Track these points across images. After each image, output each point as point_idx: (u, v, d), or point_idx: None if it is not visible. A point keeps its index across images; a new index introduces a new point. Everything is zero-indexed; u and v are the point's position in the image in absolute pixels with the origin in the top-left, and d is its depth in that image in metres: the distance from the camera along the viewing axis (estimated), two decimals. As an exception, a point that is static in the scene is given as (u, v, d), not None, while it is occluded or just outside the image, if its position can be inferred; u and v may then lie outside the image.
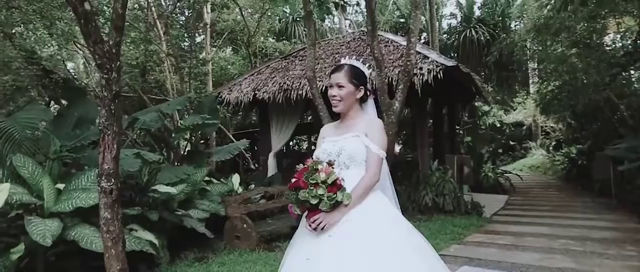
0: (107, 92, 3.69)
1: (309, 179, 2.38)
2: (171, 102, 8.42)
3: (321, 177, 2.36)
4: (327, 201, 2.35)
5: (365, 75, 2.69)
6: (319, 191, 2.35)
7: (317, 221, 2.37)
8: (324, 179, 2.36)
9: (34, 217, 4.26)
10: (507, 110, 24.33)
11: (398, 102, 8.73)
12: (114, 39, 3.74)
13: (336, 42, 12.18)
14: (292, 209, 2.50)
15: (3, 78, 5.88)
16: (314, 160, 2.50)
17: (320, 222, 2.36)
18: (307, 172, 2.41)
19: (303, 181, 2.39)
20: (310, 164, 2.45)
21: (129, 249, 4.86)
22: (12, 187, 4.30)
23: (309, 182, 2.37)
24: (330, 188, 2.36)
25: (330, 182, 2.36)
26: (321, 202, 2.35)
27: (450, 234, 6.97)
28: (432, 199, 8.86)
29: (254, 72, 11.76)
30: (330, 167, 2.42)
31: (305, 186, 2.38)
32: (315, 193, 2.35)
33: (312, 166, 2.43)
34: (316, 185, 2.36)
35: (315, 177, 2.37)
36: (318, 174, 2.38)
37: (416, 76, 9.01)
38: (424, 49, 10.43)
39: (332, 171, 2.40)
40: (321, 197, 2.35)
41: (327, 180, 2.36)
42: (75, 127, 6.51)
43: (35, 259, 4.67)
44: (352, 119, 2.66)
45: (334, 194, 2.36)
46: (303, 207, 2.43)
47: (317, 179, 2.36)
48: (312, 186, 2.37)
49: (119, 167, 5.31)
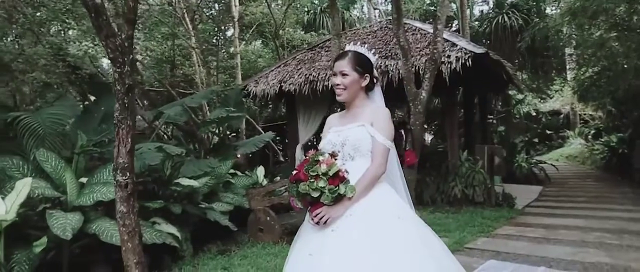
0: (120, 86, 3.68)
1: (310, 171, 2.28)
2: (195, 96, 8.47)
3: (322, 169, 2.27)
4: (329, 194, 2.25)
5: (370, 62, 2.57)
6: (319, 183, 2.25)
7: (320, 214, 2.28)
8: (324, 171, 2.26)
9: (56, 211, 4.33)
10: (543, 98, 23.57)
11: (425, 91, 8.53)
12: (126, 32, 3.73)
13: (363, 32, 11.99)
14: (293, 202, 2.41)
15: (30, 75, 6.04)
16: (315, 151, 2.40)
17: (322, 216, 2.27)
18: (307, 164, 2.32)
19: (303, 173, 2.30)
20: (311, 155, 2.35)
21: (151, 242, 4.93)
22: (34, 181, 4.38)
23: (309, 174, 2.28)
24: (331, 180, 2.26)
25: (331, 174, 2.26)
26: (323, 195, 2.26)
27: (478, 226, 6.76)
28: (462, 191, 8.63)
29: (280, 64, 11.72)
30: (332, 159, 2.32)
31: (305, 178, 2.29)
32: (316, 186, 2.26)
33: (312, 157, 2.34)
34: (317, 177, 2.27)
35: (315, 169, 2.28)
36: (319, 165, 2.28)
37: (444, 64, 8.77)
38: (452, 36, 10.15)
39: (334, 163, 2.29)
40: (322, 190, 2.25)
41: (328, 172, 2.26)
42: (102, 122, 6.61)
43: (61, 252, 4.77)
44: (357, 108, 2.55)
45: (336, 186, 2.26)
46: (305, 201, 2.34)
47: (317, 171, 2.27)
48: (312, 178, 2.27)
49: (141, 160, 5.41)
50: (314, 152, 2.39)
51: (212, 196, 6.86)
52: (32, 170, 4.71)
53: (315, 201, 2.29)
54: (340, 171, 2.29)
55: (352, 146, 2.41)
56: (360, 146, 2.41)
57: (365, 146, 2.40)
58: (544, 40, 15.59)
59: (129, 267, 3.78)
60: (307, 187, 2.27)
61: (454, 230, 6.49)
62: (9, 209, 4.02)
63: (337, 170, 2.27)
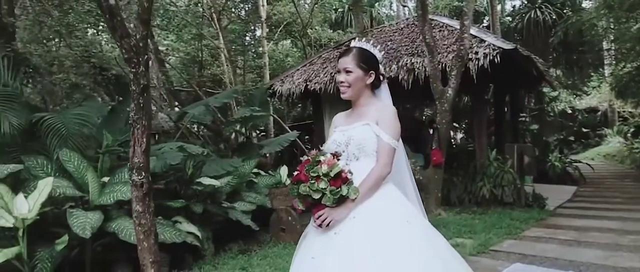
0: (135, 86, 3.71)
1: (310, 172, 2.21)
2: (219, 95, 8.53)
3: (323, 169, 2.18)
4: (330, 196, 2.17)
5: (375, 58, 2.48)
6: (320, 184, 2.17)
7: (322, 217, 2.21)
8: (325, 171, 2.18)
9: (76, 210, 4.40)
10: (578, 95, 22.79)
11: (451, 89, 8.36)
12: (141, 32, 3.75)
13: (389, 29, 11.85)
14: (295, 203, 2.35)
15: (57, 76, 6.19)
16: (318, 151, 2.33)
17: (325, 219, 2.21)
18: (308, 164, 2.25)
19: (304, 173, 2.23)
20: (313, 155, 2.28)
21: (170, 241, 4.95)
22: (57, 180, 4.47)
23: (309, 175, 2.21)
24: (333, 181, 2.18)
25: (333, 175, 2.18)
26: (324, 197, 2.18)
27: (506, 228, 6.55)
28: (490, 191, 8.40)
29: (305, 63, 11.69)
30: (334, 159, 2.24)
31: (306, 179, 2.21)
32: (317, 187, 2.18)
33: (314, 157, 2.26)
34: (317, 178, 2.19)
35: (316, 170, 2.20)
36: (320, 166, 2.20)
37: (471, 61, 8.55)
38: (480, 32, 9.90)
39: (335, 163, 2.21)
40: (323, 191, 2.18)
41: (329, 172, 2.18)
42: (128, 122, 6.70)
43: (84, 250, 4.85)
44: (363, 106, 2.45)
45: (338, 188, 2.18)
46: (306, 202, 2.26)
47: (318, 172, 2.19)
48: (313, 179, 2.20)
49: (162, 160, 5.45)
50: (316, 152, 2.32)
51: (235, 195, 6.87)
52: (56, 170, 4.81)
53: (317, 203, 2.22)
54: (342, 172, 2.20)
55: (357, 146, 2.33)
56: (365, 145, 2.32)
57: (370, 146, 2.32)
58: (578, 34, 15.05)
59: (145, 266, 3.80)
60: (308, 188, 2.19)
61: (479, 231, 6.31)
62: (32, 208, 4.09)
63: (339, 171, 2.19)
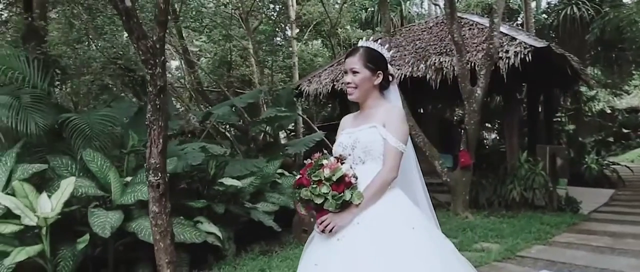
0: (152, 88, 3.73)
1: (312, 175, 2.14)
2: (244, 96, 8.56)
3: (325, 173, 2.11)
4: (333, 201, 2.10)
5: (384, 58, 2.39)
6: (322, 189, 2.11)
7: (325, 222, 2.15)
8: (328, 175, 2.11)
9: (98, 210, 4.47)
10: (618, 94, 21.90)
11: (480, 88, 8.15)
12: (158, 34, 3.77)
13: (418, 28, 11.66)
14: (298, 208, 2.29)
15: (85, 77, 6.34)
16: (321, 154, 2.26)
17: (328, 224, 2.14)
18: (310, 167, 2.18)
19: (306, 177, 2.16)
20: (315, 159, 2.21)
21: (190, 241, 4.98)
22: (79, 180, 4.55)
23: (311, 179, 2.14)
24: (335, 186, 2.10)
25: (335, 180, 2.10)
26: (326, 202, 2.11)
27: (535, 232, 6.32)
28: (520, 193, 8.14)
29: (333, 63, 11.63)
30: (337, 163, 2.16)
31: (308, 183, 2.15)
32: (318, 191, 2.11)
33: (316, 161, 2.19)
34: (319, 182, 2.12)
35: (318, 174, 2.13)
36: (322, 170, 2.13)
37: (501, 60, 8.32)
38: (511, 30, 9.63)
39: (338, 167, 2.13)
40: (326, 196, 2.11)
41: (332, 177, 2.10)
42: (153, 122, 6.79)
43: (107, 249, 4.93)
44: (371, 108, 2.37)
45: (341, 193, 2.10)
46: (309, 207, 2.20)
47: (320, 176, 2.12)
48: (315, 183, 2.13)
49: (184, 160, 5.49)
50: (319, 155, 2.25)
51: (259, 196, 6.87)
52: (80, 169, 4.90)
53: (320, 208, 2.16)
54: (346, 176, 2.13)
55: (363, 149, 2.25)
56: (371, 148, 2.24)
57: (377, 149, 2.24)
58: (616, 31, 14.44)
59: (161, 266, 3.82)
60: (310, 193, 2.13)
61: (507, 236, 6.11)
62: (54, 207, 4.18)
63: (342, 175, 2.12)
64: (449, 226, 6.87)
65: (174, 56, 15.02)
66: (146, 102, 7.43)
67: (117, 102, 7.26)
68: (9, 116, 4.66)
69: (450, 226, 6.92)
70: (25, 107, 4.83)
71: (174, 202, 5.63)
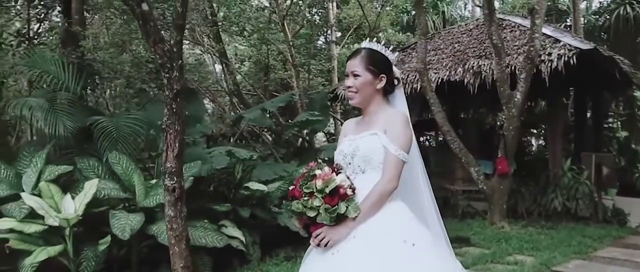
0: (168, 91, 3.73)
1: (304, 187, 2.02)
2: (275, 100, 8.54)
3: (317, 185, 1.99)
4: (325, 215, 1.98)
5: (388, 61, 2.26)
6: (314, 202, 1.98)
7: (319, 236, 2.03)
8: (320, 187, 1.98)
9: (119, 211, 4.52)
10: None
11: (520, 93, 7.80)
12: (175, 38, 3.77)
13: (457, 31, 11.33)
14: (293, 220, 2.18)
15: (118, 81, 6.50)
16: (316, 163, 2.14)
17: (323, 238, 2.02)
18: (303, 178, 2.07)
19: (298, 189, 2.05)
20: (308, 169, 2.10)
21: (211, 245, 4.97)
22: (103, 182, 4.63)
23: (303, 191, 2.03)
24: (328, 199, 1.98)
25: (328, 192, 1.98)
26: (319, 215, 1.99)
27: (575, 246, 5.95)
28: (562, 203, 7.72)
29: (369, 67, 11.46)
30: (331, 173, 2.04)
31: (300, 195, 2.03)
32: (311, 204, 1.99)
33: (309, 171, 2.08)
34: (311, 195, 2.00)
35: (310, 186, 2.01)
36: (314, 181, 2.02)
37: (543, 63, 7.94)
38: (556, 32, 9.17)
39: (331, 178, 2.01)
40: (319, 209, 1.99)
41: (324, 189, 1.98)
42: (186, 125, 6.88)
43: (131, 250, 4.99)
44: (373, 114, 2.23)
45: (335, 205, 1.98)
46: (302, 220, 2.08)
47: (312, 188, 2.00)
48: (306, 195, 2.01)
49: (209, 164, 5.50)
50: (314, 164, 2.13)
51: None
52: (106, 171, 4.99)
53: (314, 221, 2.04)
54: (340, 188, 2.00)
55: (363, 158, 2.12)
56: (372, 157, 2.11)
57: (377, 158, 2.10)
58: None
59: (175, 270, 3.81)
60: (302, 206, 2.01)
61: (543, 248, 5.78)
62: (77, 208, 4.25)
63: (336, 186, 1.99)
64: (482, 236, 6.61)
65: (213, 60, 15.29)
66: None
67: (152, 104, 7.39)
68: (39, 118, 4.80)
69: (485, 235, 6.64)
70: (55, 110, 4.97)
71: (199, 205, 5.71)
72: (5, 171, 4.77)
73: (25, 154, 5.02)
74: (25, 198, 4.14)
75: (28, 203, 4.12)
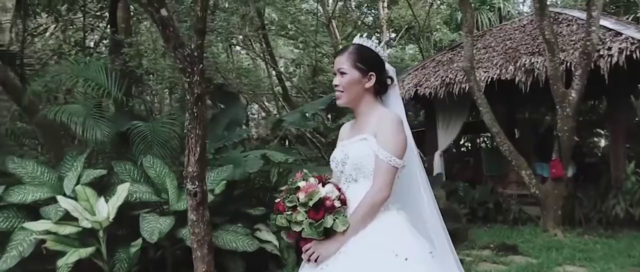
0: (189, 96, 3.73)
1: (286, 201, 1.91)
2: (314, 102, 8.47)
3: (300, 198, 1.87)
4: (310, 230, 1.85)
5: (379, 58, 2.09)
6: (298, 216, 1.86)
7: (309, 251, 1.91)
8: (303, 200, 1.86)
9: (150, 215, 4.60)
10: None
11: (575, 91, 7.30)
12: (196, 42, 3.77)
13: (510, 27, 10.82)
14: (282, 234, 2.07)
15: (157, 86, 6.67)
16: (301, 173, 2.01)
17: (312, 253, 1.90)
18: (286, 191, 1.95)
19: (282, 202, 1.93)
20: (291, 181, 1.97)
21: (242, 249, 4.95)
22: (135, 186, 4.72)
23: (285, 204, 1.91)
24: (313, 213, 1.85)
25: (312, 205, 1.85)
26: (304, 231, 1.86)
27: (636, 257, 5.45)
28: (625, 210, 7.16)
29: (418, 67, 11.18)
30: (317, 184, 1.91)
31: (283, 209, 1.92)
32: (294, 219, 1.87)
33: (290, 184, 1.95)
34: (294, 209, 1.88)
35: (292, 199, 1.89)
36: (297, 194, 1.89)
37: (602, 58, 7.40)
38: (617, 24, 8.53)
39: (315, 191, 1.87)
40: (302, 223, 1.86)
41: (308, 202, 1.86)
42: (226, 129, 6.96)
43: (165, 252, 5.07)
44: (365, 116, 2.09)
45: (320, 219, 1.85)
46: (289, 235, 1.96)
47: (294, 201, 1.88)
48: (290, 209, 1.90)
49: (242, 167, 5.51)
50: (300, 174, 2.00)
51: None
52: (141, 175, 5.09)
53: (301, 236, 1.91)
54: (326, 200, 1.87)
55: (353, 165, 1.98)
56: (362, 164, 1.96)
57: (368, 165, 1.95)
58: None
59: (197, 275, 3.80)
60: (285, 220, 1.90)
61: (598, 259, 5.34)
62: (110, 211, 4.36)
63: (321, 199, 1.86)
64: (532, 244, 6.22)
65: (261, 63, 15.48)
66: (221, 109, 7.70)
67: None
68: (78, 124, 4.98)
69: (534, 243, 6.25)
70: (92, 116, 5.14)
71: (233, 209, 5.73)
72: (48, 175, 4.97)
73: (68, 158, 5.21)
74: (60, 201, 4.29)
75: (63, 206, 4.26)
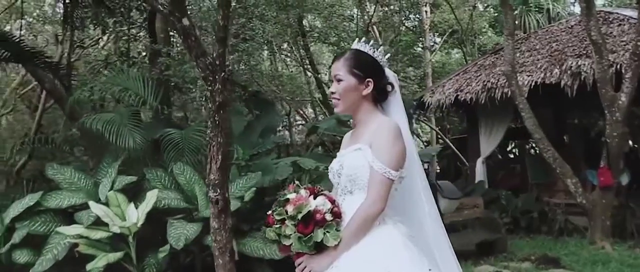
0: (211, 104, 3.76)
1: (275, 213, 1.85)
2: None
3: (289, 211, 1.80)
4: (299, 244, 1.78)
5: (376, 64, 1.97)
6: (286, 230, 1.80)
7: (301, 266, 1.85)
8: (292, 213, 1.79)
9: (177, 221, 4.66)
10: None
11: (624, 95, 6.91)
12: (218, 51, 3.79)
13: (557, 29, 10.39)
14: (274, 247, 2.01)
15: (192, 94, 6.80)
16: (294, 185, 1.94)
17: (304, 268, 1.84)
18: (276, 204, 1.88)
19: (271, 215, 1.88)
20: (282, 193, 1.90)
21: (268, 257, 4.93)
22: (164, 192, 4.80)
23: (274, 217, 1.85)
24: (302, 226, 1.78)
25: (301, 218, 1.78)
26: (293, 245, 1.80)
27: (691, 273, 5.07)
28: (682, 222, 6.67)
29: (459, 72, 10.91)
30: (307, 197, 1.83)
31: (273, 222, 1.86)
32: (283, 232, 1.81)
33: (281, 196, 1.89)
34: (283, 222, 1.82)
35: (281, 212, 1.83)
36: (286, 207, 1.82)
37: (655, 59, 6.95)
38: (672, 23, 7.99)
39: (304, 203, 1.80)
40: (291, 237, 1.80)
41: (296, 215, 1.78)
42: (261, 136, 7.01)
43: (195, 258, 5.13)
44: (363, 124, 1.98)
45: (309, 233, 1.77)
46: (281, 248, 1.89)
47: (283, 214, 1.82)
48: (278, 222, 1.83)
49: (271, 174, 5.51)
50: (292, 186, 1.93)
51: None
52: (171, 182, 5.18)
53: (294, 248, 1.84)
54: (317, 213, 1.79)
55: (348, 177, 1.90)
56: (357, 175, 1.87)
57: (363, 176, 1.86)
58: None
59: (220, 283, 3.81)
60: (274, 233, 1.84)
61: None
62: (139, 217, 4.45)
63: (310, 212, 1.79)
64: (576, 257, 5.90)
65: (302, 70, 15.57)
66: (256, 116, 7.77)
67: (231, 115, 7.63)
68: (111, 132, 5.13)
69: (579, 257, 5.92)
70: (125, 125, 5.28)
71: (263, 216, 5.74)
72: (85, 180, 5.15)
73: (105, 164, 5.38)
74: (92, 206, 4.42)
75: (94, 211, 4.39)
